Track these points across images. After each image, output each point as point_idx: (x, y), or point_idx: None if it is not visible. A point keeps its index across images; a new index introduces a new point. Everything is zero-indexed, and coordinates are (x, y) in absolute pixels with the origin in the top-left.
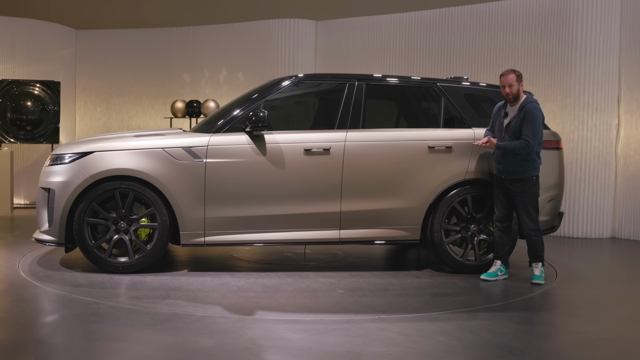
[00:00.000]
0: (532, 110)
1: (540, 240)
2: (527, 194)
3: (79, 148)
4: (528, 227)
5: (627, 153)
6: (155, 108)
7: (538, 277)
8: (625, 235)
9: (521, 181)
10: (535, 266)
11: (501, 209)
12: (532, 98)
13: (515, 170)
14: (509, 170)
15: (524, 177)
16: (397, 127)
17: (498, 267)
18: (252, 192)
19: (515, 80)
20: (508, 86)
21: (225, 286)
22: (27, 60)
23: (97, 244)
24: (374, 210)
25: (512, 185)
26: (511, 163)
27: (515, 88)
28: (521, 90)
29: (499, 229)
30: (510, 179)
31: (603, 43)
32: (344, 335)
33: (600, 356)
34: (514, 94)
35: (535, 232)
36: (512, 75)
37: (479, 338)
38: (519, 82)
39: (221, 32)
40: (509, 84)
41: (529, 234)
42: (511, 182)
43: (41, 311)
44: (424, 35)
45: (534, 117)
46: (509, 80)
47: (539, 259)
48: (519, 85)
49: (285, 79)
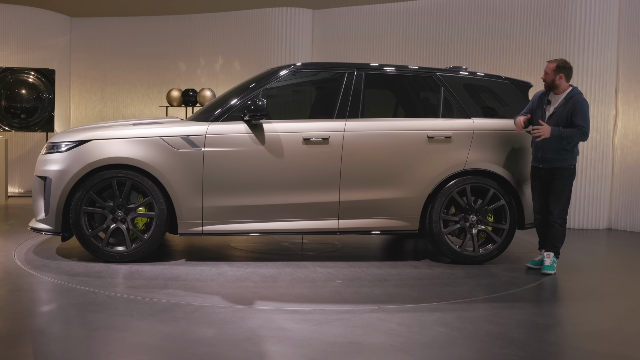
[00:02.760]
0: (582, 101)
1: (562, 231)
2: (563, 183)
3: (75, 136)
4: (557, 214)
5: (624, 144)
6: (150, 97)
7: (549, 267)
8: (621, 226)
9: (559, 170)
10: (547, 256)
11: (539, 200)
12: (578, 90)
13: (555, 158)
14: (548, 158)
15: (562, 165)
16: (396, 116)
17: (542, 256)
18: (251, 181)
19: (551, 70)
20: (544, 73)
21: (223, 276)
22: (21, 47)
23: (94, 233)
24: (373, 200)
25: (550, 174)
26: (551, 152)
27: (550, 77)
28: (562, 82)
29: (538, 221)
30: (548, 168)
31: (601, 34)
32: (344, 326)
33: (601, 347)
34: (548, 82)
35: (560, 222)
36: (552, 65)
37: (480, 329)
38: (556, 73)
39: (217, 21)
40: (545, 71)
41: (554, 221)
42: (549, 171)
43: (38, 300)
44: (422, 24)
45: (584, 107)
46: (546, 68)
47: (555, 249)
48: (555, 76)
49: (283, 68)
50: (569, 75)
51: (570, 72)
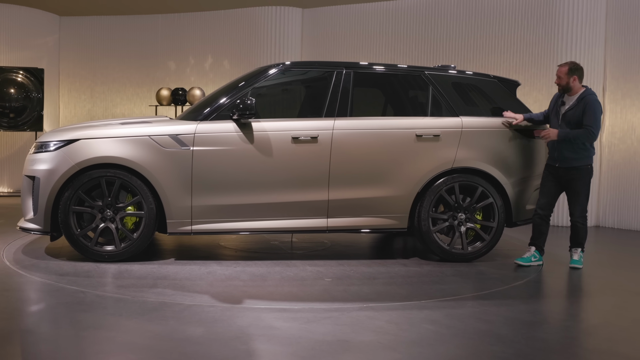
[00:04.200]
0: (593, 102)
1: (584, 228)
2: (582, 182)
3: (64, 135)
4: (577, 214)
5: (611, 142)
6: (140, 96)
7: (576, 262)
8: (609, 223)
9: (576, 169)
10: (575, 251)
11: (547, 196)
12: (591, 91)
13: (571, 157)
14: (565, 157)
15: (579, 164)
16: (385, 115)
17: (532, 253)
18: (240, 180)
19: (564, 73)
20: (557, 77)
21: (212, 275)
22: (10, 46)
23: (83, 232)
24: (362, 198)
25: (567, 174)
26: (568, 150)
27: (564, 80)
28: (575, 84)
29: (539, 217)
30: (566, 167)
31: (589, 32)
32: (333, 324)
33: (588, 343)
34: (563, 85)
35: (582, 220)
36: (564, 68)
37: (468, 326)
38: (569, 76)
39: (207, 19)
40: (557, 75)
41: (576, 220)
42: (566, 171)
43: (27, 300)
44: (411, 23)
45: (595, 107)
46: (558, 72)
47: (580, 245)
48: (569, 79)
49: (272, 67)
50: (581, 77)
51: (582, 73)
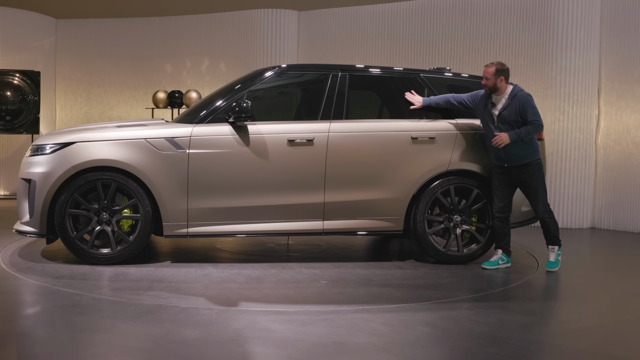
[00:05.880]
0: (526, 97)
1: (553, 221)
2: (536, 177)
3: (60, 138)
4: (541, 209)
5: (607, 144)
6: (136, 98)
7: (552, 265)
8: (605, 225)
9: (527, 166)
10: (552, 249)
11: (502, 199)
12: (519, 87)
13: (520, 155)
14: (514, 155)
15: (529, 161)
16: (380, 117)
17: (499, 256)
18: (236, 183)
19: (492, 74)
20: (484, 78)
21: (208, 277)
22: (6, 49)
23: (79, 235)
24: (358, 201)
25: (521, 172)
26: (514, 148)
27: (491, 81)
28: (502, 84)
29: (499, 220)
30: (517, 166)
31: (584, 35)
32: (328, 326)
33: (582, 345)
34: (490, 86)
35: (548, 214)
36: (491, 69)
37: (463, 328)
38: (497, 77)
39: (203, 22)
40: (485, 76)
41: (542, 216)
42: (517, 169)
43: (23, 303)
44: (407, 25)
45: (530, 101)
46: (485, 73)
47: (556, 240)
48: (496, 80)
49: (268, 70)
50: (507, 77)
51: (508, 73)
